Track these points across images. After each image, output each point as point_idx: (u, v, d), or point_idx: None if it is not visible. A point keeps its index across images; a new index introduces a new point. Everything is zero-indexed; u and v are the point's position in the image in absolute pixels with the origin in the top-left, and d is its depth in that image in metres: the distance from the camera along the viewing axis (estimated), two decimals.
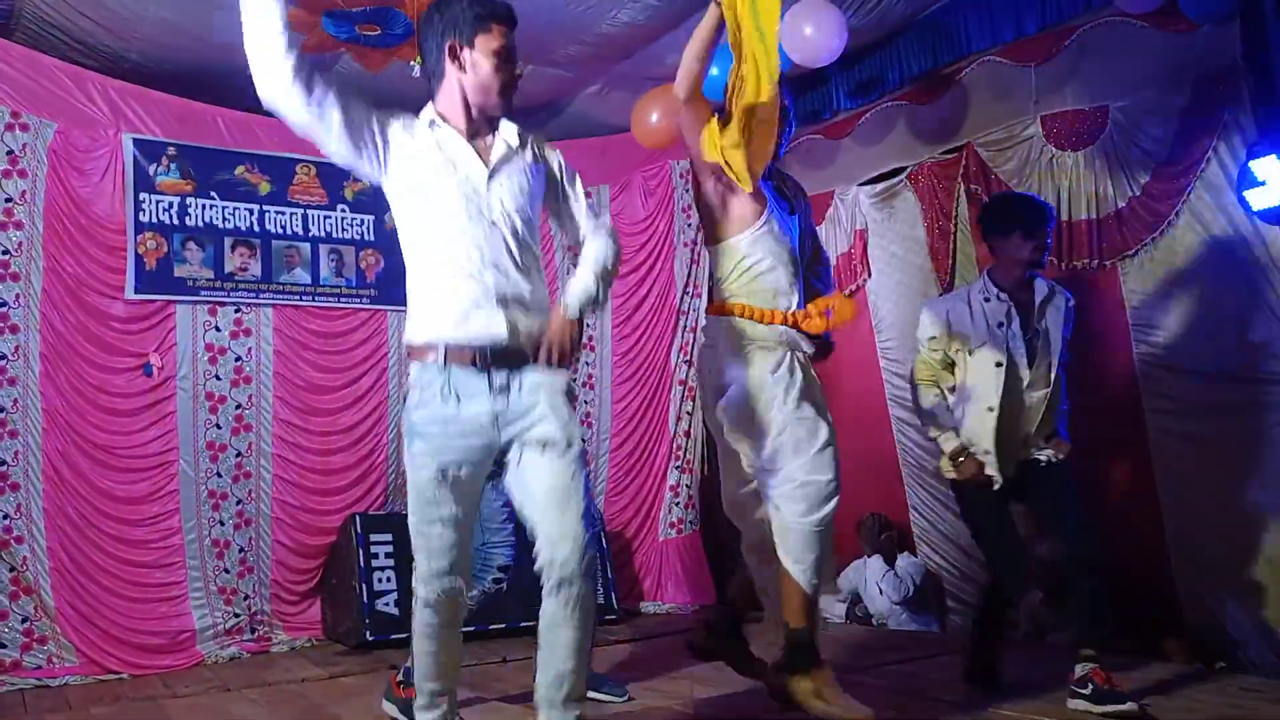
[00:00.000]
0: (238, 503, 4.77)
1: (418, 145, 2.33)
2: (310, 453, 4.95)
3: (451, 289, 2.28)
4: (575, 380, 2.38)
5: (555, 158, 2.48)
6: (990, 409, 3.16)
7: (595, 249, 2.42)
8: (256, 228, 4.89)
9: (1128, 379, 3.99)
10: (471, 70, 2.32)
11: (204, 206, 4.76)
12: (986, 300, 3.23)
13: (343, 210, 5.09)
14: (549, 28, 4.45)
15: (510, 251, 2.30)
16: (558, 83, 5.13)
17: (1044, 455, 3.19)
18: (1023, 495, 3.25)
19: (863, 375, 5.21)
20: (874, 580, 4.94)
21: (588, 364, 5.64)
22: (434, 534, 2.29)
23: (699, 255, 5.79)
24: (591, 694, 3.38)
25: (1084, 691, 2.95)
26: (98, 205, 4.50)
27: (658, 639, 4.61)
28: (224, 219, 4.80)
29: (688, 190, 5.89)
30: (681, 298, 5.78)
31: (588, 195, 2.52)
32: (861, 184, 5.21)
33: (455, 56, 2.32)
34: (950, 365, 3.30)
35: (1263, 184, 3.53)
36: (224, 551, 4.70)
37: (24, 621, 4.17)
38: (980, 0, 4.42)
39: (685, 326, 5.78)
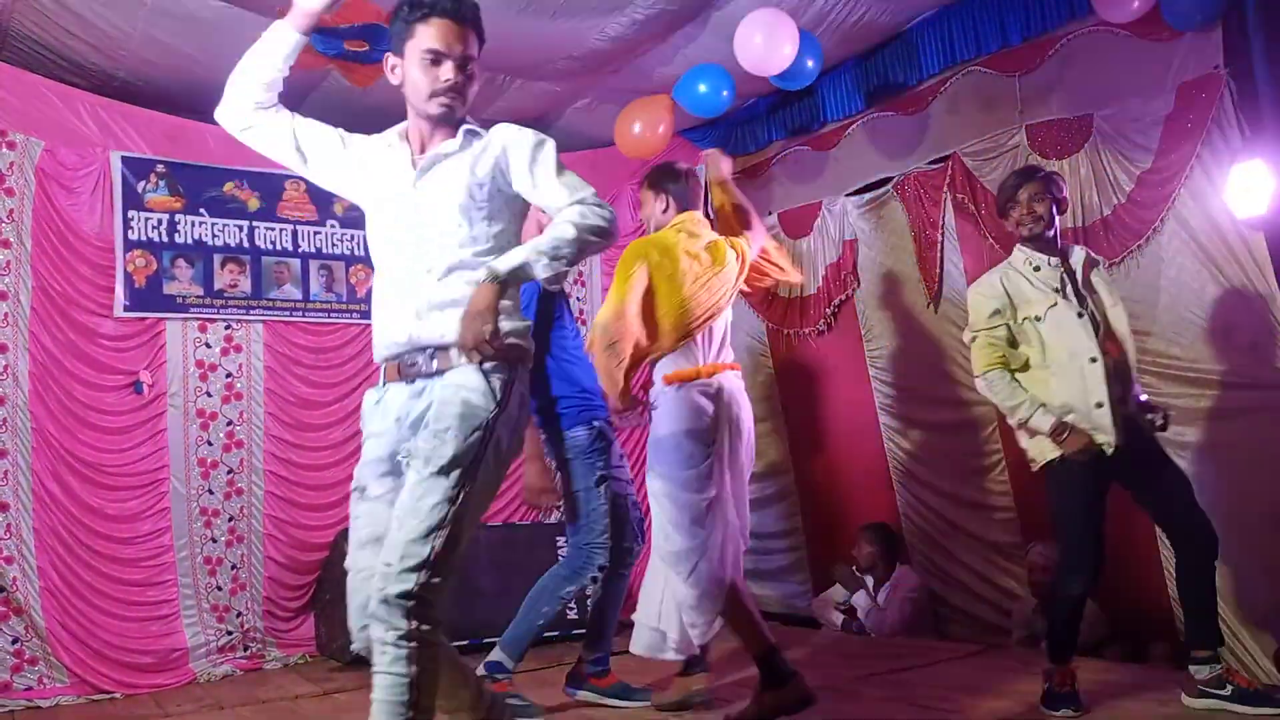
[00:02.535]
0: (229, 519, 4.76)
1: (372, 163, 2.31)
2: (302, 468, 4.95)
3: (384, 304, 2.22)
4: (495, 389, 2.10)
5: (513, 141, 2.22)
6: (1093, 359, 3.02)
7: (550, 229, 2.13)
8: (246, 244, 4.89)
9: None
10: (405, 80, 2.22)
11: (193, 223, 4.75)
12: (1037, 269, 3.14)
13: (332, 226, 5.10)
14: (537, 43, 4.47)
15: (435, 259, 2.16)
16: (546, 97, 5.15)
17: (1150, 417, 3.10)
18: (1126, 477, 3.10)
19: (852, 384, 5.23)
20: (862, 613, 4.93)
21: None
22: (353, 561, 2.18)
23: None
24: (620, 702, 3.44)
25: (1223, 692, 2.93)
26: (86, 223, 4.49)
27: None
28: (213, 236, 4.80)
29: None
30: None
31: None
32: (849, 194, 5.23)
33: (394, 70, 2.24)
34: (1015, 343, 3.15)
35: (1247, 190, 3.55)
36: (216, 569, 4.69)
37: (14, 642, 4.14)
38: (965, 11, 4.46)
39: None
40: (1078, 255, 3.22)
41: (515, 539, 5.14)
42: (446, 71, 2.16)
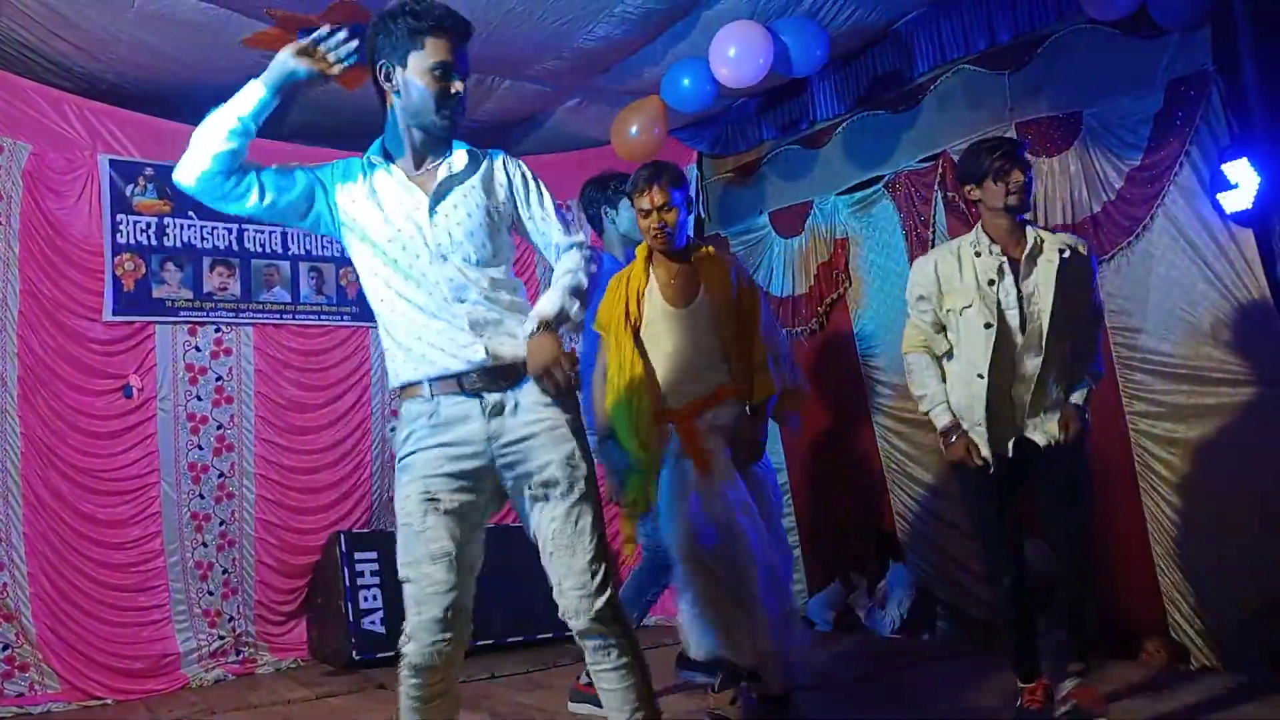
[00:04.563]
0: (220, 524, 4.74)
1: (358, 191, 2.24)
2: (293, 471, 4.93)
3: (422, 329, 2.19)
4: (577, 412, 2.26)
5: (516, 173, 2.32)
6: (980, 376, 2.88)
7: (565, 265, 2.26)
8: (235, 247, 4.87)
9: (1108, 382, 4.01)
10: (404, 92, 2.18)
11: (182, 226, 4.74)
12: (978, 255, 2.94)
13: None
14: (526, 43, 4.46)
15: (470, 281, 2.19)
16: (535, 97, 5.14)
17: (1042, 436, 2.87)
18: (1026, 482, 2.96)
19: (845, 382, 5.23)
20: (860, 611, 4.94)
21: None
22: (424, 575, 2.11)
23: None
24: None
25: (1065, 710, 2.86)
26: (74, 227, 4.47)
27: (646, 651, 4.60)
28: (202, 238, 4.78)
29: None
30: None
31: (565, 209, 2.44)
32: (840, 193, 5.23)
33: (389, 79, 2.19)
34: (943, 328, 3.01)
35: (1235, 187, 3.56)
36: (207, 573, 4.67)
37: (5, 648, 4.12)
38: (954, 10, 4.46)
39: None
40: (1029, 239, 2.94)
41: (512, 542, 5.12)
42: (457, 85, 2.18)
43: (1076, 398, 2.92)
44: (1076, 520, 2.90)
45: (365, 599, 4.58)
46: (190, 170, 2.18)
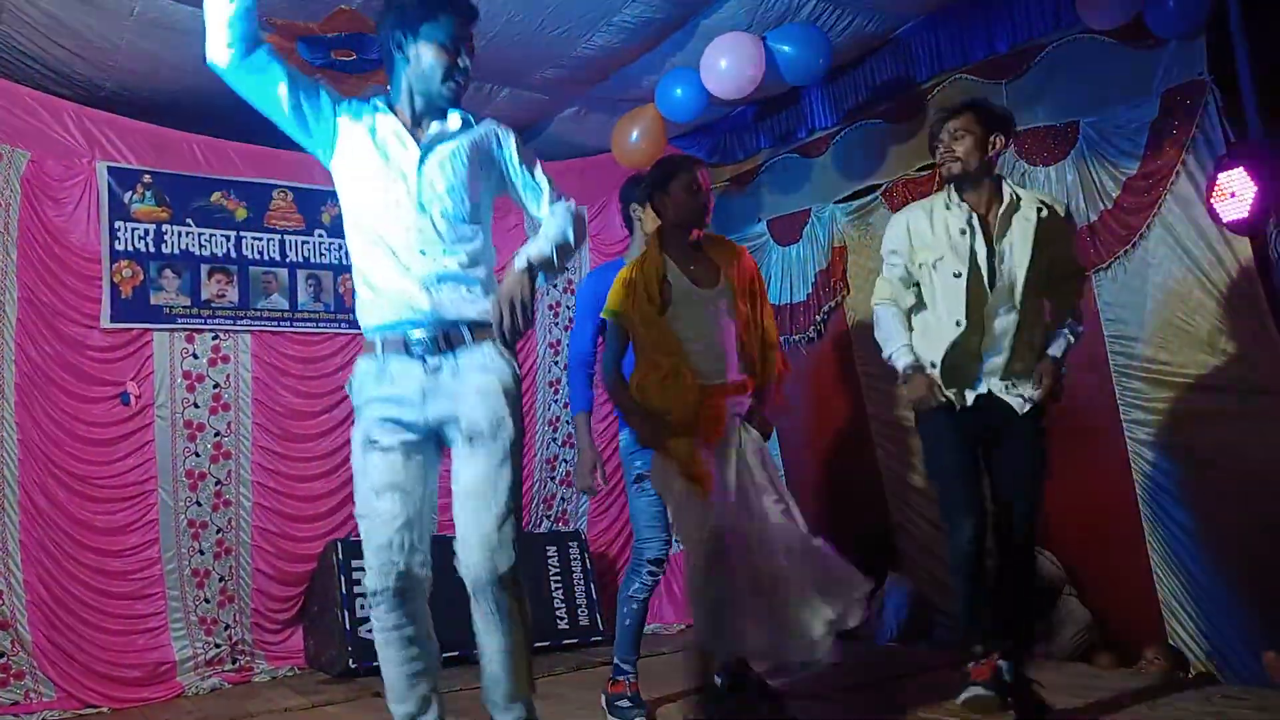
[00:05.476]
0: (218, 531, 4.73)
1: (360, 130, 2.38)
2: (290, 479, 4.92)
3: (383, 277, 2.32)
4: (519, 371, 2.38)
5: (508, 137, 2.47)
6: (958, 324, 2.91)
7: (552, 222, 2.38)
8: (234, 254, 4.87)
9: (1104, 390, 4.02)
10: (414, 61, 2.35)
11: (180, 234, 4.73)
12: (947, 209, 2.99)
13: (320, 235, 5.08)
14: (525, 52, 4.47)
15: (440, 234, 2.31)
16: (535, 106, 5.15)
17: (1017, 399, 2.89)
18: (989, 449, 2.98)
19: (843, 392, 5.23)
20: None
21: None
22: (370, 509, 2.25)
23: None
24: None
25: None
26: (73, 234, 4.47)
27: (642, 659, 4.59)
28: (200, 246, 4.78)
29: None
30: None
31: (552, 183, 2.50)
32: (838, 201, 5.24)
33: (400, 48, 2.36)
34: (914, 285, 3.06)
35: (1231, 196, 3.57)
36: (204, 581, 4.66)
37: (0, 656, 4.10)
38: (952, 19, 4.48)
39: None
40: (1006, 196, 2.97)
41: None
42: (463, 59, 2.37)
43: (1054, 350, 2.93)
44: (1028, 505, 2.93)
45: (362, 607, 4.54)
46: (215, 45, 2.28)
